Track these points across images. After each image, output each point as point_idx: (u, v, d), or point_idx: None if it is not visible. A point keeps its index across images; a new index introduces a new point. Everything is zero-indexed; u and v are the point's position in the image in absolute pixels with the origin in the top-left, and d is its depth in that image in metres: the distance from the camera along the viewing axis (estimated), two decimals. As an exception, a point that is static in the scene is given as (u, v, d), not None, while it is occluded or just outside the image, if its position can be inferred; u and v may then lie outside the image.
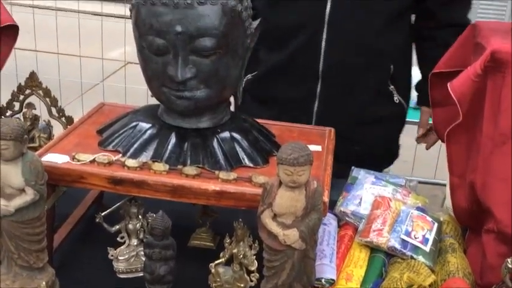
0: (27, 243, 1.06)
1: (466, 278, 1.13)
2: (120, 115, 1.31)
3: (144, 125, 1.21)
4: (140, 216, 1.23)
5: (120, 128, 1.23)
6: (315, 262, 1.06)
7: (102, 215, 1.22)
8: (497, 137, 1.09)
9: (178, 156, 1.16)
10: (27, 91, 1.49)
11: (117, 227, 1.23)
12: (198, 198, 1.11)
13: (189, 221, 1.31)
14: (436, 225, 1.25)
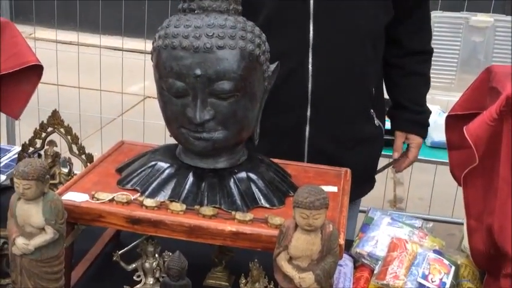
0: (45, 281, 1.07)
1: (484, 323, 1.12)
2: (139, 154, 1.33)
3: (163, 165, 1.23)
4: (157, 255, 1.24)
5: (138, 167, 1.26)
6: (330, 305, 1.06)
7: (119, 253, 1.23)
8: (514, 181, 1.09)
9: (196, 196, 1.18)
10: (49, 129, 1.51)
11: (134, 265, 1.24)
12: (215, 238, 1.12)
13: (205, 259, 1.31)
14: (453, 268, 1.24)
